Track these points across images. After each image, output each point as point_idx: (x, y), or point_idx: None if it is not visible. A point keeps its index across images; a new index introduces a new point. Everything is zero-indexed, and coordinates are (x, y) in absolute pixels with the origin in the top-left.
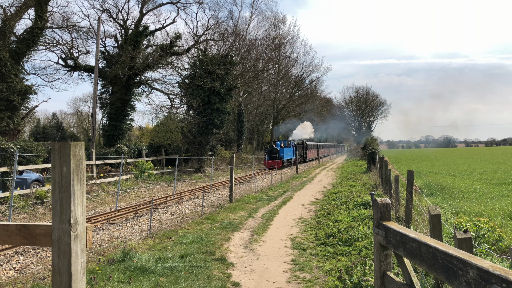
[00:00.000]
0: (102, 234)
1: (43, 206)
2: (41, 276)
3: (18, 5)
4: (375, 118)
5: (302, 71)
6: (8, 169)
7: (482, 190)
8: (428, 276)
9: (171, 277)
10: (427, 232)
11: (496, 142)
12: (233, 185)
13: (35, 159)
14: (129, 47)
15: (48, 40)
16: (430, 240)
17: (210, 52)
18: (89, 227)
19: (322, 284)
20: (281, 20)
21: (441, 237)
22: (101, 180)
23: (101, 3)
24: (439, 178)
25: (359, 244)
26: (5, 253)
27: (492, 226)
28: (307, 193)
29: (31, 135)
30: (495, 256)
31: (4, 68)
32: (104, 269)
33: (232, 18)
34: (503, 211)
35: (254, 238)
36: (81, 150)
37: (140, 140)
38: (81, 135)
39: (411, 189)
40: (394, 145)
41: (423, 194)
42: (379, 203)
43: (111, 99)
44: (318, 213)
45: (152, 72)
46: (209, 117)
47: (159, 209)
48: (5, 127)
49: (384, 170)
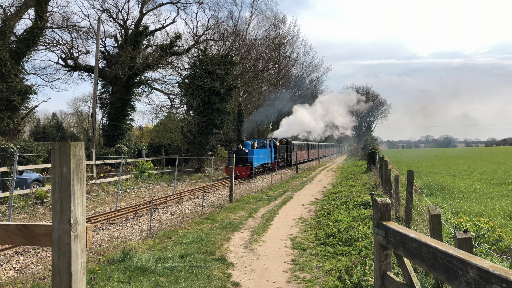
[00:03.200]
0: (102, 234)
1: (43, 206)
2: (41, 276)
3: (18, 5)
4: (375, 118)
5: (302, 71)
6: (8, 169)
7: (482, 190)
8: (428, 276)
9: (171, 277)
10: (427, 232)
11: (496, 142)
12: (233, 185)
13: (35, 159)
14: (129, 47)
15: (48, 40)
16: (430, 240)
17: (210, 52)
18: (89, 227)
19: (322, 284)
20: (281, 20)
21: (441, 237)
22: (101, 180)
23: (101, 3)
24: (439, 178)
25: (359, 244)
26: (5, 253)
27: (492, 226)
28: (307, 193)
29: (31, 135)
30: (495, 256)
31: (4, 68)
32: (104, 269)
33: (232, 18)
34: (503, 211)
35: (254, 238)
36: (81, 150)
37: (140, 140)
38: (81, 135)
39: (411, 189)
40: (394, 145)
41: (423, 194)
42: (379, 203)
43: (111, 99)
44: (318, 213)
45: (152, 72)
46: (209, 117)
47: (159, 209)
48: (5, 127)
49: (384, 170)
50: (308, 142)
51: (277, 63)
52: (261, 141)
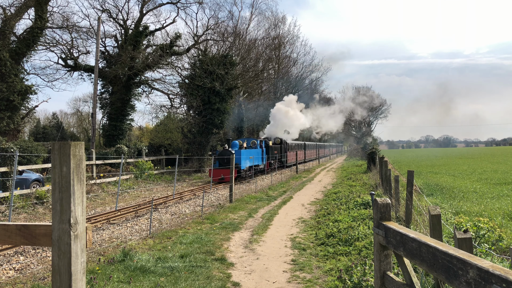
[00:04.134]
0: (102, 234)
1: (43, 206)
2: (41, 276)
3: (18, 5)
4: (375, 118)
5: (302, 71)
6: (8, 169)
7: (482, 190)
8: (428, 276)
9: (171, 277)
10: (427, 232)
11: (496, 142)
12: (233, 185)
13: (35, 159)
14: (129, 47)
15: (48, 40)
16: (430, 240)
17: (210, 52)
18: (89, 227)
19: (322, 284)
20: (281, 20)
21: (441, 237)
22: (101, 180)
23: (101, 3)
24: (439, 178)
25: (359, 244)
26: (5, 253)
27: (492, 226)
28: (307, 193)
29: (31, 135)
30: (495, 256)
31: (4, 68)
32: (104, 269)
33: (232, 18)
34: (503, 211)
35: (254, 238)
36: (81, 150)
37: (140, 140)
38: (81, 135)
39: (411, 189)
40: (394, 145)
41: (423, 194)
42: (379, 203)
43: (111, 99)
44: (318, 213)
45: (152, 72)
46: (209, 117)
47: (159, 209)
48: (5, 127)
49: (384, 170)
50: (305, 142)
51: (277, 63)
52: (251, 140)
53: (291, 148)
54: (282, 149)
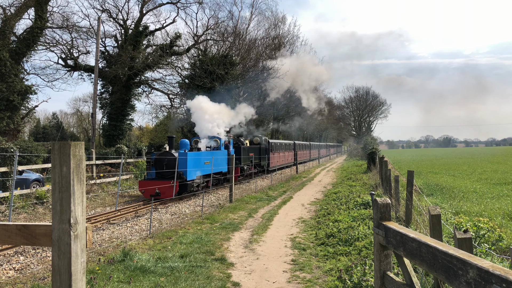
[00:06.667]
0: (102, 234)
1: (43, 206)
2: (41, 276)
3: (18, 5)
4: (375, 118)
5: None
6: (8, 169)
7: (482, 190)
8: (428, 276)
9: (171, 277)
10: (427, 232)
11: (496, 142)
12: (233, 185)
13: (35, 159)
14: (129, 47)
15: (48, 40)
16: (430, 240)
17: (210, 52)
18: (89, 227)
19: (322, 284)
20: (281, 20)
21: (441, 237)
22: (101, 180)
23: (101, 3)
24: (439, 178)
25: (359, 244)
26: (5, 253)
27: (492, 226)
28: (307, 193)
29: (31, 135)
30: (495, 256)
31: (4, 68)
32: (104, 269)
33: (232, 18)
34: (503, 211)
35: (254, 238)
36: (81, 150)
37: (140, 140)
38: (81, 135)
39: (411, 189)
40: (394, 145)
41: (423, 194)
42: (379, 203)
43: (111, 99)
44: (318, 213)
45: (152, 72)
46: None
47: (159, 209)
48: (5, 127)
49: (384, 170)
50: (295, 141)
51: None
52: (213, 138)
53: (276, 148)
54: (262, 150)
